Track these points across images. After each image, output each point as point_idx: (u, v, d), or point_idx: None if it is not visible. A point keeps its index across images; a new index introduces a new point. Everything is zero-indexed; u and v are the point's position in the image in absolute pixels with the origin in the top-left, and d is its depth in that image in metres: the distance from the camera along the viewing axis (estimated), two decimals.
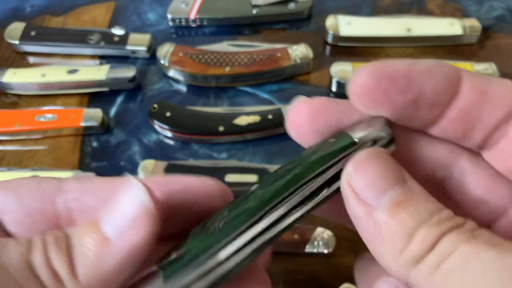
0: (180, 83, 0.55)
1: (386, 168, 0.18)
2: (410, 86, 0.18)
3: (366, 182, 0.17)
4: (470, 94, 0.18)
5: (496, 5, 0.62)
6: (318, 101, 0.20)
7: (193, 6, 0.60)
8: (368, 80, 0.19)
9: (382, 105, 0.19)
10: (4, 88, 0.53)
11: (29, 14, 0.62)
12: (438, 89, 0.18)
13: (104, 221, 0.18)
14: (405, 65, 0.19)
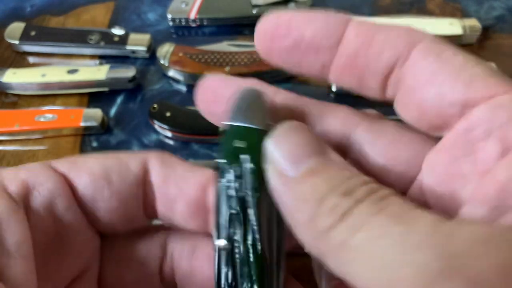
0: (180, 83, 0.55)
1: (302, 139, 0.17)
2: (289, 32, 0.19)
3: (283, 154, 0.17)
4: (355, 40, 0.18)
5: (496, 5, 0.62)
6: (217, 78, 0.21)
7: (193, 6, 0.60)
8: (263, 27, 0.20)
9: (270, 53, 0.20)
10: (4, 88, 0.53)
11: (29, 14, 0.62)
12: (319, 34, 0.19)
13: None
14: (291, 13, 0.20)
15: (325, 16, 0.19)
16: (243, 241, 0.17)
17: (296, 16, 0.19)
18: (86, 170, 0.19)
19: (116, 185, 0.19)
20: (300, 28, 0.19)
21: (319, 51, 0.19)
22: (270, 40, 0.20)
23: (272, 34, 0.20)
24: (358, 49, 0.18)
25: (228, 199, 0.17)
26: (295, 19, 0.19)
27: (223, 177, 0.18)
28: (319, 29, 0.19)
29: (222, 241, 0.18)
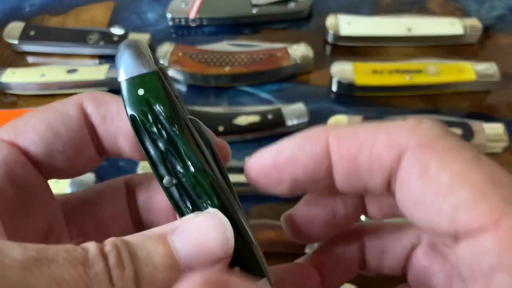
0: (179, 82, 0.54)
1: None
2: (281, 177, 0.19)
3: None
4: (341, 165, 0.18)
5: (497, 4, 0.62)
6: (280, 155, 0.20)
7: (193, 5, 0.59)
8: (254, 174, 0.20)
9: (274, 191, 0.20)
10: (3, 88, 0.53)
11: (29, 13, 0.62)
12: (308, 171, 0.19)
13: (176, 242, 0.17)
14: (271, 156, 0.19)
15: (303, 151, 0.19)
16: (185, 169, 0.19)
17: (277, 161, 0.19)
18: (32, 131, 0.20)
19: (64, 135, 0.20)
20: (288, 172, 0.19)
21: (318, 181, 0.19)
22: (268, 187, 0.20)
23: (267, 183, 0.20)
24: (350, 173, 0.18)
25: (153, 142, 0.19)
26: (278, 164, 0.19)
27: (141, 126, 0.19)
28: (307, 167, 0.19)
29: (165, 179, 0.19)
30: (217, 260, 0.17)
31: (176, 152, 0.19)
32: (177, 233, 0.17)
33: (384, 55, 0.56)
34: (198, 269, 0.17)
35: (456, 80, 0.51)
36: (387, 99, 0.52)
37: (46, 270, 0.14)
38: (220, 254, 0.17)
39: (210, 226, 0.17)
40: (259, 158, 0.20)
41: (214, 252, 0.17)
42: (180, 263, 0.16)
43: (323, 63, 0.55)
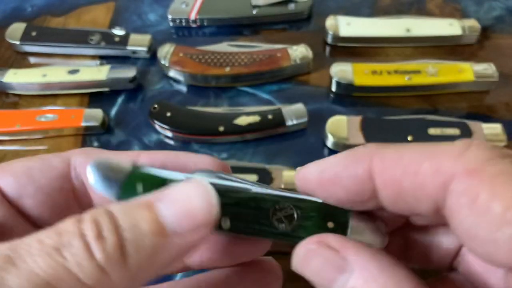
0: (180, 83, 0.55)
1: (319, 266, 0.18)
2: (325, 194, 0.20)
3: (311, 277, 0.18)
4: (386, 191, 0.18)
5: (496, 5, 0.62)
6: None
7: (193, 6, 0.60)
8: (302, 186, 0.21)
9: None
10: (5, 88, 0.53)
11: (30, 14, 0.63)
12: (351, 194, 0.19)
13: (162, 208, 0.17)
14: (316, 174, 0.19)
15: (348, 173, 0.18)
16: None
17: (321, 179, 0.19)
18: (9, 171, 0.21)
19: (39, 181, 0.20)
20: (331, 191, 0.19)
21: (363, 202, 0.19)
22: (321, 192, 0.20)
23: (315, 195, 0.20)
24: (395, 198, 0.18)
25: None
26: (322, 182, 0.19)
27: None
28: (349, 190, 0.19)
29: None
30: (203, 226, 0.17)
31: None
32: (163, 200, 0.17)
33: (383, 56, 0.56)
34: (186, 234, 0.17)
35: (454, 81, 0.51)
36: (386, 99, 0.52)
37: (22, 265, 0.14)
38: (205, 219, 0.17)
39: (196, 193, 0.18)
40: (305, 173, 0.20)
41: (199, 218, 0.17)
42: (166, 228, 0.17)
43: (323, 64, 0.55)
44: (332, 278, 0.17)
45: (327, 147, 0.48)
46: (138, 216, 0.16)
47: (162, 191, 0.18)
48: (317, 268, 0.18)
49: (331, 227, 0.20)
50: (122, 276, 0.16)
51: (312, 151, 0.48)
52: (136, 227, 0.16)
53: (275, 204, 0.20)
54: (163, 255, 0.17)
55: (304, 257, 0.19)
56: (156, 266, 0.17)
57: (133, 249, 0.16)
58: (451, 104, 0.52)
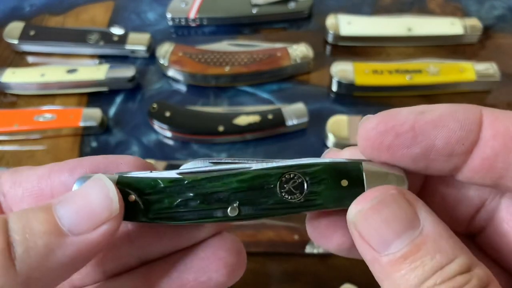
0: (179, 82, 0.54)
1: (392, 215, 0.17)
2: (416, 140, 0.17)
3: (372, 230, 0.17)
4: (493, 142, 0.17)
5: (497, 4, 0.62)
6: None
7: (193, 5, 0.59)
8: (373, 133, 0.18)
9: (389, 158, 0.18)
10: (3, 88, 0.53)
11: (28, 13, 0.62)
12: (451, 140, 0.17)
13: (60, 209, 0.17)
14: (412, 116, 0.17)
15: (455, 117, 0.17)
16: None
17: (419, 121, 0.17)
18: None
19: None
20: (428, 136, 0.17)
21: (452, 156, 0.17)
22: (388, 150, 0.18)
23: (390, 144, 0.18)
24: (498, 153, 0.17)
25: None
26: (419, 125, 0.17)
27: None
28: (451, 134, 0.17)
29: None
30: (102, 221, 0.17)
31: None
32: (61, 201, 0.17)
33: (384, 55, 0.56)
34: (85, 232, 0.17)
35: (456, 80, 0.51)
36: (387, 99, 0.52)
37: None
38: (104, 214, 0.17)
39: (92, 189, 0.17)
40: (390, 116, 0.18)
41: (97, 213, 0.17)
42: (63, 227, 0.16)
43: (323, 63, 0.55)
44: (400, 231, 0.16)
45: (327, 147, 0.47)
46: (32, 218, 0.16)
47: (64, 194, 0.18)
48: (390, 217, 0.16)
49: (345, 185, 0.18)
50: (12, 279, 0.15)
51: (312, 151, 0.48)
52: (27, 228, 0.16)
53: (280, 177, 0.19)
54: (59, 254, 0.16)
55: (377, 204, 0.17)
56: (54, 268, 0.16)
57: (21, 250, 0.15)
58: None
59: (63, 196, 0.17)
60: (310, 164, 0.19)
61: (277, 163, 0.19)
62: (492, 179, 0.17)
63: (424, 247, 0.16)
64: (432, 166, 0.18)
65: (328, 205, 0.19)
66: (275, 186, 0.19)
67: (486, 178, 0.17)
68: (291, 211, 0.19)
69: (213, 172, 0.19)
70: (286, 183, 0.19)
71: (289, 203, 0.19)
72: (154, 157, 0.47)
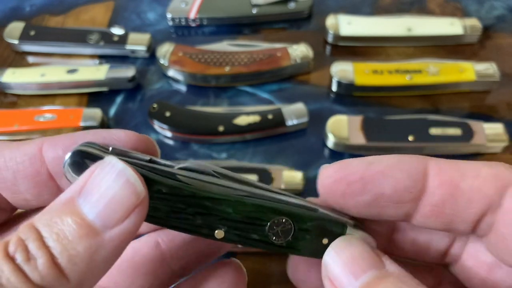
0: (179, 83, 0.54)
1: (359, 252, 0.18)
2: (366, 189, 0.19)
3: (341, 268, 0.18)
4: (439, 190, 0.18)
5: (497, 4, 0.62)
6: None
7: (193, 5, 0.59)
8: (328, 182, 0.19)
9: (344, 204, 0.19)
10: (3, 88, 0.53)
11: (29, 13, 0.62)
12: (399, 189, 0.18)
13: (85, 205, 0.16)
14: (362, 166, 0.19)
15: (401, 167, 0.18)
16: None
17: (368, 172, 0.18)
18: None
19: (13, 166, 0.20)
20: (377, 185, 0.18)
21: (401, 203, 0.18)
22: (342, 197, 0.19)
23: (343, 192, 0.19)
24: (444, 200, 0.18)
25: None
26: (368, 175, 0.18)
27: None
28: (398, 183, 0.18)
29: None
30: (133, 207, 0.17)
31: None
32: (83, 196, 0.16)
33: (384, 55, 0.56)
34: (118, 224, 0.16)
35: (456, 80, 0.51)
36: (387, 99, 0.52)
37: None
38: (132, 200, 0.17)
39: (112, 179, 0.17)
40: (343, 166, 0.19)
41: (125, 202, 0.16)
42: (96, 226, 0.16)
43: (323, 63, 0.55)
44: (362, 270, 0.17)
45: (327, 147, 0.47)
46: (62, 224, 0.16)
47: (79, 183, 0.17)
48: (353, 256, 0.18)
49: (325, 243, 0.19)
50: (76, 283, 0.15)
51: (312, 151, 0.48)
52: (62, 237, 0.15)
53: (273, 219, 0.19)
54: (103, 252, 0.16)
55: (343, 242, 0.19)
56: (101, 265, 0.16)
57: (66, 260, 0.15)
58: (452, 104, 0.52)
59: (81, 188, 0.17)
60: (304, 217, 0.20)
61: (273, 194, 0.20)
62: (443, 224, 0.18)
63: (389, 281, 0.17)
64: (386, 212, 0.19)
65: (305, 254, 0.20)
66: (265, 225, 0.19)
67: (438, 223, 0.19)
68: (272, 249, 0.20)
69: (214, 187, 0.19)
70: (277, 226, 0.19)
71: (271, 243, 0.20)
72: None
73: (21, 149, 0.20)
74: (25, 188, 0.20)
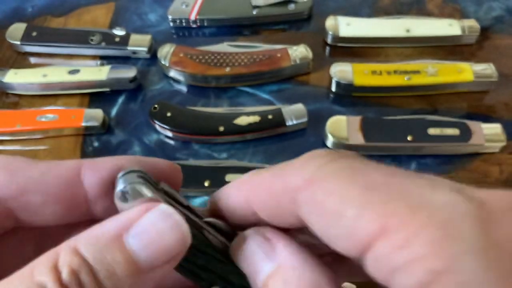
0: (180, 83, 0.55)
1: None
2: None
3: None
4: (262, 214, 0.19)
5: (495, 5, 0.62)
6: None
7: (194, 7, 0.60)
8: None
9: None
10: (6, 88, 0.54)
11: (30, 14, 0.63)
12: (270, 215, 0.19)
13: (133, 243, 0.17)
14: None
15: (234, 201, 0.19)
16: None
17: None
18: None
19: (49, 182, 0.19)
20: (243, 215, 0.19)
21: (277, 218, 0.19)
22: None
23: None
24: (273, 219, 0.19)
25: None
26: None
27: None
28: (240, 217, 0.19)
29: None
30: (175, 258, 0.17)
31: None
32: (132, 234, 0.17)
33: (383, 56, 0.57)
34: (160, 267, 0.17)
35: (454, 81, 0.52)
36: (386, 99, 0.52)
37: None
38: (177, 251, 0.17)
39: (167, 226, 0.17)
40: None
41: (173, 249, 0.17)
42: (141, 266, 0.16)
43: (323, 64, 0.55)
44: (260, 266, 0.18)
45: (327, 147, 0.48)
46: (111, 258, 0.16)
47: (127, 218, 0.17)
48: (248, 254, 0.18)
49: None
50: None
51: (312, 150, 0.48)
52: (112, 273, 0.16)
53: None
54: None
55: (239, 243, 0.19)
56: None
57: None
58: (450, 104, 0.52)
59: (131, 225, 0.17)
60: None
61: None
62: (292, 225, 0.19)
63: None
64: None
65: None
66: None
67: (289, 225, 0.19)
68: None
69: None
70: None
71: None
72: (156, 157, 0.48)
73: (54, 170, 0.19)
74: (51, 211, 0.19)
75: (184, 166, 0.47)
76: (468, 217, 0.14)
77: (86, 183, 0.19)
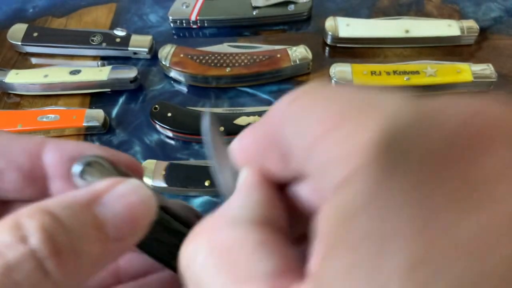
0: (181, 83, 0.55)
1: None
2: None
3: None
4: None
5: (494, 6, 0.62)
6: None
7: (194, 7, 0.60)
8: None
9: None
10: (7, 89, 0.54)
11: (32, 15, 0.63)
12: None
13: (106, 214, 0.16)
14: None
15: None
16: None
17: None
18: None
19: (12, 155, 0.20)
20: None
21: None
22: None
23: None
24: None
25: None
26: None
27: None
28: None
29: None
30: (141, 230, 0.17)
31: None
32: (103, 203, 0.17)
33: (382, 57, 0.57)
34: (126, 240, 0.17)
35: (453, 81, 0.52)
36: None
37: None
38: (145, 222, 0.17)
39: (136, 199, 0.17)
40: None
41: (140, 222, 0.17)
42: (109, 235, 0.16)
43: (322, 64, 0.56)
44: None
45: None
46: (84, 222, 0.16)
47: (97, 188, 0.17)
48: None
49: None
50: (70, 286, 0.15)
51: None
52: (84, 237, 0.15)
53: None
54: (103, 261, 0.16)
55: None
56: (93, 272, 0.16)
57: (85, 260, 0.15)
58: None
59: (100, 195, 0.17)
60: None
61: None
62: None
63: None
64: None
65: None
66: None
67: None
68: None
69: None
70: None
71: None
72: (156, 157, 0.48)
73: (20, 141, 0.20)
74: (11, 179, 0.20)
75: (185, 166, 0.47)
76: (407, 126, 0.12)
77: (46, 158, 0.19)
